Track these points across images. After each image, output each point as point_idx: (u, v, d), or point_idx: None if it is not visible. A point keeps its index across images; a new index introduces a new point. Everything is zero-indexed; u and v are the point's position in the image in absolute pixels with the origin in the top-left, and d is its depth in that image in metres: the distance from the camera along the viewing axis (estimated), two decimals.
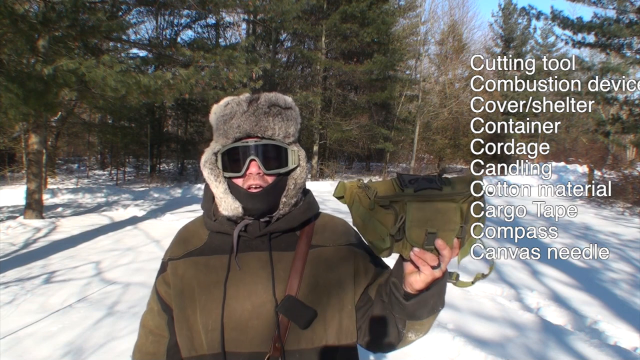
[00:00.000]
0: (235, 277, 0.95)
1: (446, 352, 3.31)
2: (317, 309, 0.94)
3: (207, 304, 0.94)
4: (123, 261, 5.91)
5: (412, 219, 0.82)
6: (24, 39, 7.58)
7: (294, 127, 1.01)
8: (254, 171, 0.96)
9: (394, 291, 0.90)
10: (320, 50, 18.92)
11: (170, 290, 1.02)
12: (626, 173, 13.15)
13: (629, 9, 12.31)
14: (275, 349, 0.90)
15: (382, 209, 0.84)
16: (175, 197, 13.71)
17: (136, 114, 16.85)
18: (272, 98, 0.99)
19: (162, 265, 1.07)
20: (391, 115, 21.72)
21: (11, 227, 8.15)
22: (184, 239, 1.06)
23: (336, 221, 1.10)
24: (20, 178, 15.37)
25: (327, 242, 1.02)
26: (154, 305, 1.07)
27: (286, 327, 0.92)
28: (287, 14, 13.18)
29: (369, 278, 1.03)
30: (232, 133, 0.96)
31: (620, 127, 13.39)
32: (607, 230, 8.46)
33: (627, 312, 4.27)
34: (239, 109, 0.97)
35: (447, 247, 0.81)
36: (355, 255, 1.03)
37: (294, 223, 1.00)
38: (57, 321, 3.85)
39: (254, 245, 0.98)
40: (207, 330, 0.94)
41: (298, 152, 1.01)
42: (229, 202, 0.96)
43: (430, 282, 0.85)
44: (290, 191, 0.99)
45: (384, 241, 0.84)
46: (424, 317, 0.90)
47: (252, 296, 0.93)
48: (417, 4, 22.89)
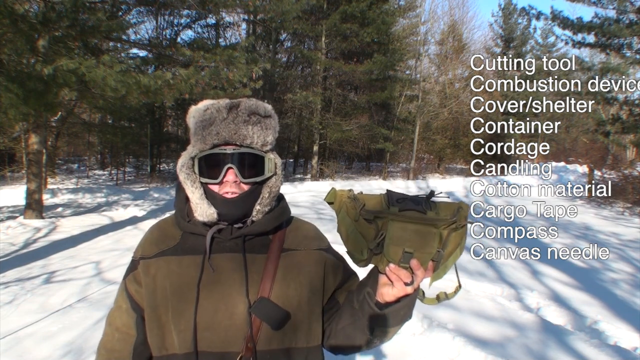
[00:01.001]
0: (208, 277, 0.96)
1: (446, 352, 3.31)
2: (288, 311, 0.96)
3: (179, 304, 0.95)
4: (123, 261, 5.91)
5: (392, 236, 0.85)
6: (24, 39, 7.58)
7: (272, 136, 1.01)
8: (231, 179, 0.97)
9: (367, 299, 0.93)
10: (320, 50, 18.92)
11: (141, 289, 1.02)
12: (626, 173, 13.15)
13: (629, 9, 12.31)
14: (247, 349, 0.92)
15: (365, 222, 0.88)
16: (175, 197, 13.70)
17: (136, 114, 16.86)
18: (252, 106, 0.99)
19: (133, 263, 1.06)
20: (391, 115, 21.71)
21: (11, 227, 8.15)
22: (157, 237, 1.06)
23: (307, 226, 1.12)
24: (20, 178, 15.37)
25: (298, 246, 1.04)
26: (122, 303, 1.06)
27: (258, 327, 0.93)
28: (287, 14, 13.18)
29: (337, 283, 1.06)
30: (210, 139, 0.97)
31: (620, 127, 13.39)
32: (607, 230, 8.46)
33: (627, 312, 4.27)
34: (218, 116, 0.97)
35: (421, 268, 0.85)
36: (326, 260, 1.06)
37: (267, 227, 1.01)
38: (57, 321, 3.85)
39: (227, 247, 0.99)
40: (179, 330, 0.94)
41: (275, 159, 1.02)
42: (204, 208, 0.97)
43: (401, 296, 0.89)
44: (265, 199, 1.01)
45: (362, 253, 0.89)
46: (393, 326, 0.94)
47: (225, 297, 0.94)
48: (417, 4, 22.89)
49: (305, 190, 14.80)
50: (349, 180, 18.82)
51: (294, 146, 23.59)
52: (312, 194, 13.66)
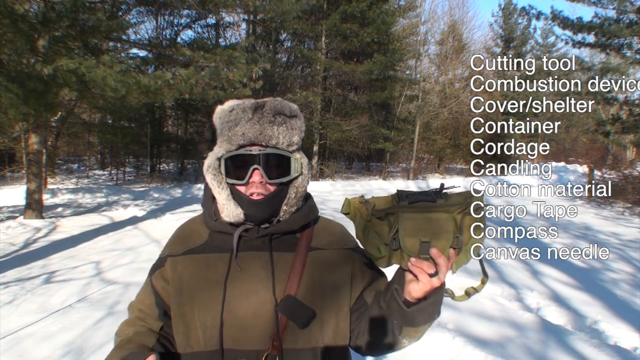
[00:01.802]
0: (235, 275, 0.96)
1: (446, 352, 3.31)
2: (315, 310, 0.95)
3: (206, 302, 0.95)
4: (123, 261, 5.91)
5: (405, 228, 0.86)
6: (24, 39, 7.58)
7: (298, 136, 1.01)
8: (257, 180, 0.97)
9: (396, 297, 0.91)
10: (320, 50, 18.92)
11: (167, 286, 1.02)
12: (626, 173, 13.15)
13: (629, 9, 12.31)
14: (274, 347, 0.91)
15: (378, 220, 0.89)
16: (175, 197, 13.71)
17: (136, 114, 16.85)
18: (278, 106, 0.99)
19: (160, 260, 1.07)
20: (391, 115, 21.71)
21: (11, 227, 8.15)
22: (184, 236, 1.07)
23: (335, 225, 1.12)
24: (20, 178, 15.37)
25: (326, 245, 1.04)
26: (145, 299, 1.07)
27: (284, 326, 0.93)
28: (287, 14, 13.17)
29: (365, 282, 1.05)
30: (236, 140, 0.97)
31: (620, 127, 13.40)
32: (607, 230, 8.46)
33: (627, 312, 4.27)
34: (244, 116, 0.97)
35: (442, 256, 0.84)
36: (353, 259, 1.05)
37: (294, 225, 1.01)
38: (57, 321, 3.85)
39: (254, 245, 0.99)
40: (205, 327, 0.94)
41: (301, 159, 1.02)
42: (231, 209, 0.98)
43: (428, 290, 0.87)
44: (292, 199, 1.01)
45: (379, 250, 0.89)
46: (421, 324, 0.93)
47: (251, 295, 0.94)
48: (417, 4, 22.90)
49: None
50: (349, 180, 18.82)
51: None
52: (313, 194, 13.57)
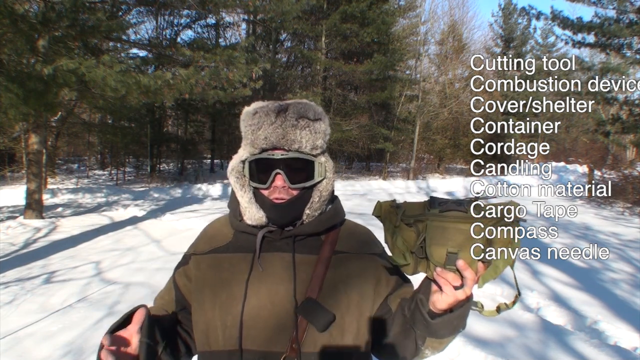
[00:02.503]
0: (257, 276, 0.96)
1: (446, 352, 3.31)
2: (336, 314, 0.94)
3: (227, 301, 0.95)
4: (123, 261, 5.91)
5: (432, 237, 0.83)
6: (24, 39, 7.58)
7: (322, 139, 1.00)
8: (279, 184, 0.96)
9: (420, 307, 0.89)
10: (320, 50, 18.92)
11: (189, 284, 1.03)
12: (626, 173, 13.15)
13: (629, 9, 12.31)
14: (292, 349, 0.91)
15: (406, 226, 0.86)
16: (175, 197, 13.71)
17: (136, 114, 16.83)
18: (301, 109, 0.98)
19: (185, 258, 1.08)
20: (391, 115, 21.71)
21: (11, 227, 8.15)
22: (210, 235, 1.07)
23: (361, 229, 1.10)
24: (20, 178, 15.37)
25: (351, 249, 1.02)
26: (165, 294, 1.09)
27: (304, 329, 0.92)
28: (287, 14, 13.17)
29: (389, 288, 1.03)
30: (259, 144, 0.96)
31: (620, 127, 13.40)
32: (607, 230, 8.46)
33: (627, 312, 4.26)
34: (266, 120, 0.96)
35: (468, 269, 0.81)
36: (377, 264, 1.03)
37: (319, 228, 1.00)
38: (57, 321, 3.85)
39: (278, 246, 0.99)
40: (225, 327, 0.94)
41: (325, 163, 1.00)
42: (253, 212, 0.98)
43: (452, 303, 0.85)
44: (315, 204, 0.99)
45: (405, 258, 0.87)
46: (445, 336, 0.91)
47: (272, 296, 0.94)
48: (417, 4, 22.89)
49: None
50: (349, 180, 18.81)
51: None
52: None
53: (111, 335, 0.83)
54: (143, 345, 0.84)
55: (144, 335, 0.84)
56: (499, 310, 0.90)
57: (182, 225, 8.65)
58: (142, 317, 0.85)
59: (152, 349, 0.86)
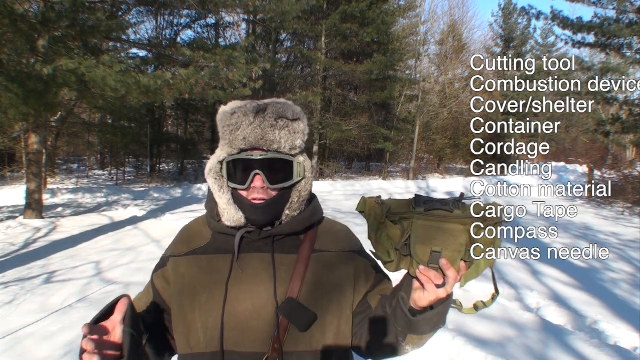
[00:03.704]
0: (237, 277, 0.95)
1: (446, 352, 3.31)
2: (316, 313, 0.94)
3: (207, 303, 0.95)
4: (123, 261, 5.91)
5: (417, 235, 0.85)
6: (24, 39, 7.58)
7: (301, 139, 1.00)
8: (258, 185, 0.95)
9: (401, 305, 0.91)
10: (320, 50, 18.91)
11: (168, 287, 1.02)
12: (626, 173, 13.16)
13: (629, 9, 12.31)
14: (274, 349, 0.91)
15: (391, 224, 0.87)
16: (175, 197, 13.71)
17: (136, 114, 16.82)
18: (280, 109, 0.97)
19: (162, 260, 1.07)
20: (391, 115, 21.70)
21: (11, 227, 8.14)
22: (188, 237, 1.07)
23: (339, 227, 1.10)
24: (20, 178, 15.36)
25: (329, 247, 1.03)
26: (143, 296, 1.08)
27: (285, 328, 0.92)
28: (287, 14, 13.16)
29: (369, 285, 1.04)
30: (237, 144, 0.95)
31: (620, 127, 13.40)
32: (607, 230, 8.46)
33: (627, 312, 4.27)
34: (245, 120, 0.95)
35: (451, 268, 0.83)
36: (357, 262, 1.04)
37: (298, 227, 1.00)
38: (58, 321, 3.85)
39: (257, 246, 0.98)
40: (206, 329, 0.94)
41: (304, 163, 1.00)
42: (232, 213, 0.97)
43: (434, 300, 0.87)
44: (294, 204, 0.99)
45: (389, 255, 0.88)
46: (426, 333, 0.92)
47: (253, 297, 0.94)
48: (417, 4, 22.88)
49: None
50: (349, 180, 18.81)
51: None
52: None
53: (92, 325, 0.82)
54: (127, 334, 0.82)
55: (127, 325, 0.83)
56: (477, 309, 0.93)
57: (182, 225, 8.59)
58: (124, 308, 0.84)
59: (136, 339, 0.85)
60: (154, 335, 0.95)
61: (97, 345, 0.78)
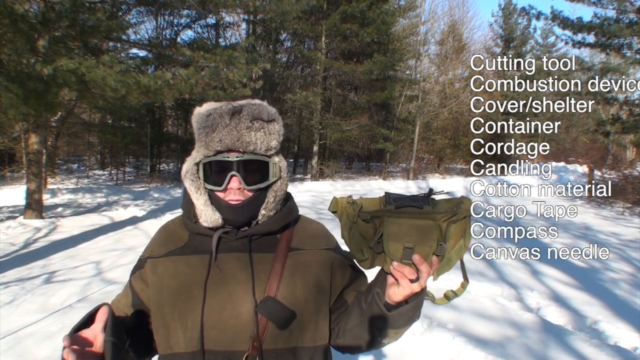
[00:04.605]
0: (215, 277, 0.96)
1: (446, 352, 3.31)
2: (295, 310, 0.96)
3: (186, 303, 0.95)
4: (123, 261, 5.91)
5: (389, 232, 0.87)
6: (24, 39, 7.58)
7: (277, 140, 1.01)
8: (235, 186, 0.96)
9: (376, 300, 0.94)
10: (320, 50, 18.91)
11: (146, 288, 1.03)
12: (626, 173, 13.16)
13: (629, 9, 12.31)
14: (254, 347, 0.92)
15: (363, 222, 0.90)
16: (175, 197, 13.71)
17: (136, 114, 16.84)
18: (255, 111, 0.98)
19: (140, 262, 1.07)
20: (391, 115, 21.71)
21: (11, 227, 8.15)
22: (164, 238, 1.07)
23: (315, 226, 1.12)
24: (20, 178, 15.37)
25: (306, 245, 1.04)
26: (121, 297, 1.08)
27: (264, 327, 0.93)
28: (287, 14, 13.16)
29: (345, 282, 1.06)
30: (213, 146, 0.96)
31: (620, 127, 13.39)
32: (607, 230, 8.46)
33: (627, 312, 4.27)
34: (221, 122, 0.96)
35: (424, 263, 0.85)
36: (333, 259, 1.05)
37: (274, 227, 1.01)
38: (58, 321, 3.85)
39: (234, 246, 0.99)
40: (185, 329, 0.94)
41: (279, 163, 1.01)
42: (209, 214, 0.98)
43: (408, 295, 0.89)
44: (270, 204, 1.00)
45: (362, 253, 0.91)
46: (402, 326, 0.96)
47: (232, 296, 0.95)
48: (417, 4, 22.88)
49: (305, 191, 14.81)
50: (349, 180, 18.82)
51: (294, 146, 23.57)
52: (312, 194, 13.67)
53: (72, 335, 0.81)
54: (108, 343, 0.82)
55: (108, 334, 0.83)
56: (448, 298, 0.96)
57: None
58: (105, 316, 0.84)
59: (118, 346, 0.85)
60: (135, 338, 0.95)
61: (78, 355, 0.78)
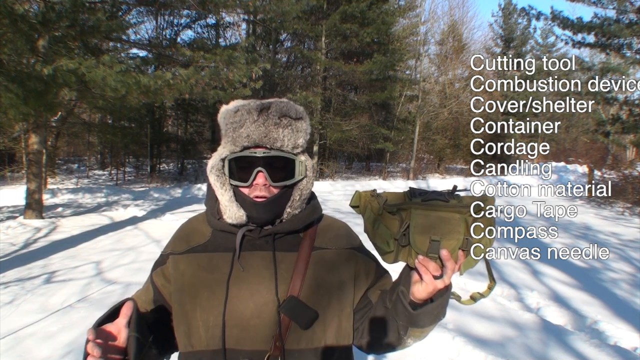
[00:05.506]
0: (238, 275, 0.95)
1: (446, 352, 3.31)
2: (317, 310, 0.95)
3: (208, 301, 0.95)
4: (123, 261, 5.91)
5: (416, 224, 0.85)
6: (24, 39, 7.57)
7: (304, 138, 1.00)
8: (261, 182, 0.96)
9: (401, 298, 0.91)
10: (320, 50, 18.91)
11: (168, 284, 1.02)
12: (626, 173, 13.16)
13: (629, 9, 12.31)
14: (276, 347, 0.91)
15: (389, 214, 0.88)
16: (175, 197, 13.71)
17: (136, 114, 16.82)
18: (284, 108, 0.97)
19: (162, 258, 1.06)
20: (391, 115, 21.71)
21: (11, 227, 8.14)
22: (187, 234, 1.06)
23: (339, 224, 1.11)
24: (20, 178, 15.36)
25: (329, 244, 1.03)
26: (142, 294, 1.08)
27: (287, 327, 0.92)
28: (287, 14, 13.16)
29: (369, 281, 1.05)
30: (240, 141, 0.96)
31: (620, 127, 13.40)
32: (607, 230, 8.46)
33: (627, 312, 4.26)
34: (249, 118, 0.96)
35: (450, 259, 0.84)
36: (357, 258, 1.04)
37: (297, 225, 1.01)
38: (58, 321, 3.85)
39: (258, 244, 0.98)
40: (207, 327, 0.94)
41: (305, 162, 1.01)
42: (233, 211, 0.97)
43: (432, 292, 0.87)
44: (296, 202, 1.00)
45: (388, 245, 0.89)
46: (427, 325, 0.93)
47: (254, 295, 0.94)
48: (417, 4, 22.87)
49: None
50: (349, 180, 18.82)
51: None
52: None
53: (96, 329, 0.82)
54: (133, 339, 0.83)
55: (133, 330, 0.83)
56: (475, 299, 0.94)
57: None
58: (129, 311, 0.85)
59: (141, 342, 0.85)
60: (157, 334, 0.95)
61: (102, 349, 0.79)
